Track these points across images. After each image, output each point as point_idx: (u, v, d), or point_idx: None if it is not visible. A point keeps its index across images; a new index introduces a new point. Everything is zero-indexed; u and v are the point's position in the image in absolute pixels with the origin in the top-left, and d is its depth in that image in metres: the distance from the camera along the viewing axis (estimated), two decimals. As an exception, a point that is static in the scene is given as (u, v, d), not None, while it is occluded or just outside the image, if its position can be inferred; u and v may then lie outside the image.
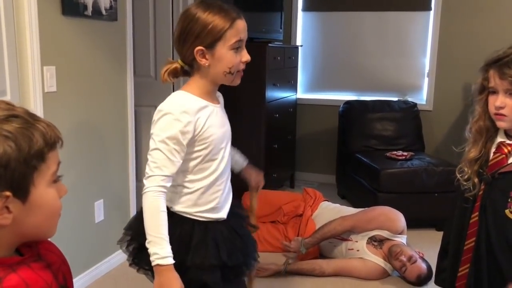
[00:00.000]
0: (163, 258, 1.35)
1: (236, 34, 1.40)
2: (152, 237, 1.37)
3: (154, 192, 1.38)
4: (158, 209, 1.38)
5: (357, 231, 2.98)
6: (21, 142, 0.79)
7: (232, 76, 1.45)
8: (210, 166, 1.48)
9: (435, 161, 3.72)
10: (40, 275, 0.86)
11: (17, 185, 0.80)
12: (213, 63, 1.41)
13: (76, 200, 2.60)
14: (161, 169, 1.38)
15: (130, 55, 2.95)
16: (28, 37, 2.18)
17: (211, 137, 1.44)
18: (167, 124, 1.38)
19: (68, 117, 2.50)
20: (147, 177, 1.40)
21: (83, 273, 2.69)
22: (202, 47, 1.39)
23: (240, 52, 1.43)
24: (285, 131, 4.33)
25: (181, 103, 1.41)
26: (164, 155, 1.38)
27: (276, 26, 4.40)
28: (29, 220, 0.84)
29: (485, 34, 4.23)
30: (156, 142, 1.38)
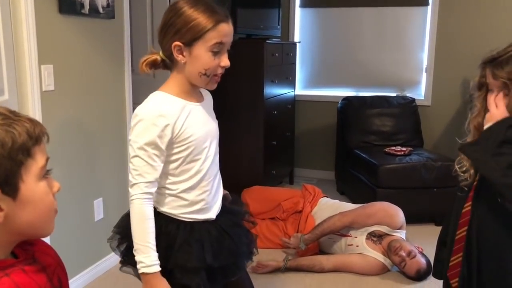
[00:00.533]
0: (149, 266, 1.35)
1: (217, 37, 1.35)
2: (139, 245, 1.36)
3: (139, 199, 1.37)
4: (144, 217, 1.37)
5: (357, 227, 2.99)
6: (4, 137, 0.79)
7: (208, 78, 1.40)
8: (193, 167, 1.44)
9: (434, 156, 3.73)
10: (33, 278, 0.85)
11: (5, 181, 0.80)
12: (189, 61, 1.38)
13: (75, 199, 2.60)
14: (143, 176, 1.37)
15: (128, 53, 2.94)
16: (25, 36, 2.18)
17: (191, 138, 1.41)
18: (143, 130, 1.35)
19: (66, 116, 2.49)
20: (131, 185, 1.38)
21: (83, 271, 2.70)
22: (180, 43, 1.36)
23: (219, 56, 1.39)
24: (283, 128, 4.33)
25: (157, 107, 1.38)
26: (144, 162, 1.36)
27: (274, 22, 4.40)
28: (21, 216, 0.83)
29: (483, 29, 4.23)
30: (135, 149, 1.36)
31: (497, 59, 1.37)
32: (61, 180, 2.78)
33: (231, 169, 3.65)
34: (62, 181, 2.49)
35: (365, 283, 2.79)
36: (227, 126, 3.80)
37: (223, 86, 1.56)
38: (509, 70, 1.33)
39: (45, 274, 0.90)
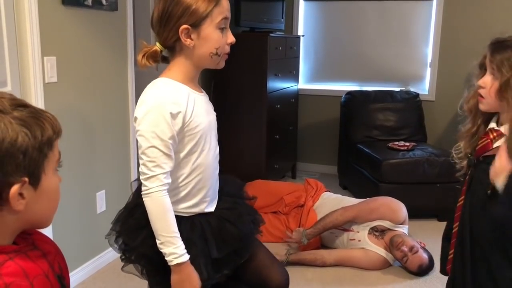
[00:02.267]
0: (181, 256, 1.34)
1: (222, 12, 1.32)
2: (165, 238, 1.33)
3: (159, 192, 1.32)
4: (166, 208, 1.34)
5: (359, 222, 2.99)
6: (35, 129, 0.83)
7: (218, 58, 1.37)
8: (197, 158, 1.40)
9: (437, 151, 3.71)
10: (37, 263, 0.87)
11: (32, 171, 0.83)
12: (198, 43, 1.33)
13: (78, 191, 2.60)
14: (161, 167, 1.32)
15: (131, 45, 2.93)
16: (28, 28, 2.17)
17: (198, 127, 1.37)
18: (156, 118, 1.30)
19: (69, 108, 2.49)
20: (147, 177, 1.32)
21: (86, 263, 2.71)
22: (187, 26, 1.30)
23: (225, 33, 1.36)
24: (286, 122, 4.32)
25: (169, 93, 1.33)
26: (161, 152, 1.31)
27: (278, 16, 4.38)
28: (37, 206, 0.86)
29: (488, 24, 4.20)
30: (150, 140, 1.30)
31: (502, 42, 1.36)
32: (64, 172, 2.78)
33: (233, 162, 3.65)
34: (65, 173, 2.50)
35: (367, 277, 2.79)
36: (230, 119, 3.79)
37: (226, 79, 1.56)
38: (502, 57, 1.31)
39: (46, 260, 0.91)
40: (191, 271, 1.36)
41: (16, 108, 0.82)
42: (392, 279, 2.78)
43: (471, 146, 1.44)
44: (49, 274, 0.89)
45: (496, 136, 1.37)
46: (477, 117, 1.44)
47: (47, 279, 0.87)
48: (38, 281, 0.84)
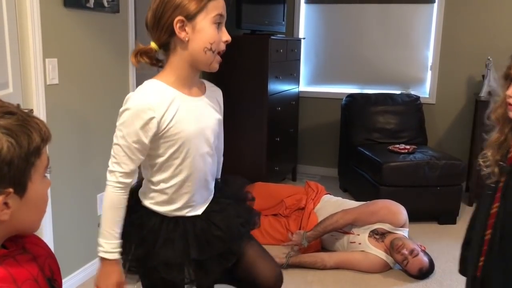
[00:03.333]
0: (108, 252, 1.38)
1: (218, 7, 1.31)
2: (104, 231, 1.38)
3: (113, 188, 1.37)
4: (115, 205, 1.38)
5: (359, 224, 2.99)
6: (21, 139, 0.80)
7: (213, 55, 1.33)
8: (180, 164, 1.38)
9: (438, 154, 3.71)
10: (26, 267, 0.86)
11: (18, 181, 0.81)
12: (193, 37, 1.30)
13: (78, 193, 2.60)
14: (120, 166, 1.35)
15: (132, 47, 2.94)
16: (30, 29, 2.18)
17: (180, 134, 1.34)
18: (128, 120, 1.32)
19: (70, 110, 2.49)
20: (108, 170, 1.38)
21: (85, 265, 2.70)
22: (182, 17, 1.28)
23: (221, 30, 1.34)
24: (287, 124, 4.32)
25: (146, 98, 1.32)
26: (124, 152, 1.34)
27: (279, 18, 4.38)
28: (23, 214, 0.85)
29: (489, 27, 4.20)
30: (118, 137, 1.35)
31: None
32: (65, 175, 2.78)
33: (234, 164, 3.65)
34: (66, 175, 2.50)
35: (367, 280, 2.79)
36: (231, 121, 3.79)
37: (227, 82, 1.56)
38: None
39: (36, 263, 0.91)
40: (114, 270, 1.39)
41: (3, 115, 0.80)
42: (392, 282, 2.78)
43: (499, 153, 1.44)
44: (39, 278, 0.88)
45: None
46: (505, 126, 1.44)
47: (36, 283, 0.86)
48: (27, 286, 0.83)
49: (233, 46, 1.43)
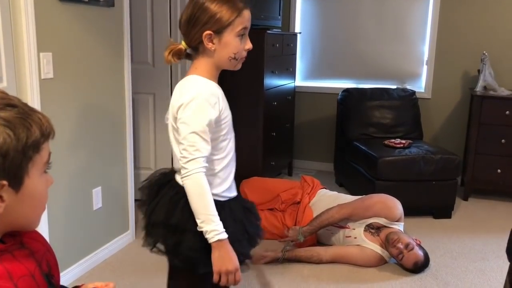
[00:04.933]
0: (221, 233, 1.43)
1: (242, 22, 1.48)
2: (205, 216, 1.43)
3: (199, 173, 1.43)
4: (204, 189, 1.44)
5: (355, 219, 2.99)
6: (20, 131, 0.79)
7: (236, 61, 1.53)
8: (227, 146, 1.55)
9: (433, 149, 3.73)
10: (23, 263, 0.86)
11: (13, 174, 0.80)
12: (219, 48, 1.47)
13: (74, 188, 2.60)
14: (200, 151, 1.43)
15: (128, 41, 2.93)
16: (24, 23, 2.16)
17: (227, 118, 1.53)
18: (199, 107, 1.43)
19: (65, 104, 2.48)
20: (187, 161, 1.43)
21: (81, 260, 2.70)
22: (210, 32, 1.45)
23: (244, 40, 1.51)
24: (283, 119, 4.32)
25: (208, 87, 1.48)
26: (201, 138, 1.43)
27: (275, 13, 4.37)
28: (19, 209, 0.84)
29: (485, 22, 4.21)
30: (191, 126, 1.43)
31: None
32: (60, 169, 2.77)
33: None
34: (61, 170, 2.50)
35: (363, 274, 2.80)
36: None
37: (222, 76, 1.59)
38: None
39: (34, 259, 0.90)
40: (230, 248, 1.47)
41: (4, 107, 0.79)
42: (387, 276, 2.79)
43: None
44: (36, 273, 0.87)
45: None
46: None
47: (33, 279, 0.86)
48: (23, 282, 0.83)
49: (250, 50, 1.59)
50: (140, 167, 3.71)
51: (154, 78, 3.65)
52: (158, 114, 3.71)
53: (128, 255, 2.97)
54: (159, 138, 3.76)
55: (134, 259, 2.92)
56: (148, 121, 3.73)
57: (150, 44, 3.61)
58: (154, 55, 3.63)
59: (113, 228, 2.98)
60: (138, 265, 2.85)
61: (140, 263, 2.87)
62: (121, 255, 2.96)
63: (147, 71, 3.64)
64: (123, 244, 3.06)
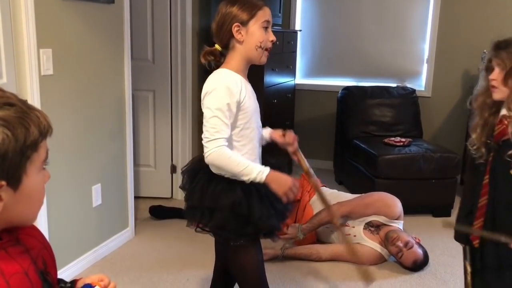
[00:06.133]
0: (264, 170, 1.61)
1: (264, 15, 1.68)
2: (244, 170, 1.60)
3: (219, 147, 1.59)
4: (229, 154, 1.60)
5: (354, 217, 2.99)
6: (18, 132, 0.79)
7: (262, 50, 1.70)
8: (249, 133, 1.71)
9: (433, 147, 3.73)
10: (16, 260, 0.85)
11: (12, 174, 0.80)
12: (246, 38, 1.67)
13: (73, 185, 2.59)
14: (220, 133, 1.60)
15: (128, 38, 2.92)
16: (24, 20, 2.15)
17: (249, 107, 1.68)
18: (220, 95, 1.61)
19: (65, 101, 2.48)
20: (208, 140, 1.60)
21: (81, 256, 2.70)
22: (238, 23, 1.65)
23: (268, 32, 1.70)
24: (283, 117, 4.31)
25: (229, 77, 1.65)
26: (221, 121, 1.60)
27: (275, 10, 4.36)
28: (17, 207, 0.84)
29: (486, 20, 4.20)
30: (213, 110, 1.60)
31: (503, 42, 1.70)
32: (60, 166, 2.76)
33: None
34: (61, 167, 2.49)
35: (362, 272, 2.80)
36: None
37: None
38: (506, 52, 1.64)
39: (29, 256, 0.89)
40: (278, 174, 1.65)
41: (2, 106, 0.79)
42: (387, 274, 2.79)
43: (483, 135, 1.70)
44: (30, 270, 0.87)
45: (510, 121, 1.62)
46: (484, 111, 1.72)
47: (26, 276, 0.85)
48: (15, 279, 0.82)
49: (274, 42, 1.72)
50: (139, 164, 3.70)
51: (154, 75, 3.64)
52: (158, 111, 3.71)
53: (128, 252, 2.97)
54: (159, 135, 3.75)
55: (133, 256, 2.93)
56: (148, 118, 3.72)
57: (150, 41, 3.61)
58: (154, 52, 3.62)
59: (113, 225, 2.98)
60: (138, 262, 2.85)
61: (140, 260, 2.87)
62: (120, 252, 2.96)
63: (147, 68, 3.63)
64: (122, 241, 3.06)
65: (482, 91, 1.75)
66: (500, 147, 1.64)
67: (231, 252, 1.79)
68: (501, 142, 1.64)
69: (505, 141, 1.63)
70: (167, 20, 3.57)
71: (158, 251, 2.98)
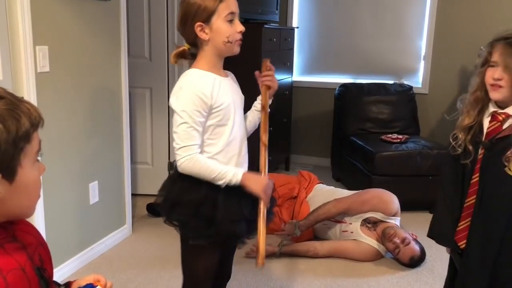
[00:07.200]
0: (237, 173, 1.59)
1: (227, 8, 1.57)
2: (219, 175, 1.57)
3: (191, 157, 1.56)
4: (203, 161, 1.58)
5: (351, 213, 3.00)
6: (9, 123, 0.80)
7: (232, 45, 1.62)
8: (224, 131, 1.64)
9: (430, 144, 3.73)
10: (13, 256, 0.86)
11: (6, 166, 0.81)
12: (212, 36, 1.58)
13: (70, 182, 2.59)
14: (191, 139, 1.56)
15: (124, 35, 2.91)
16: (20, 17, 2.15)
17: (222, 105, 1.61)
18: (189, 100, 1.55)
19: (61, 98, 2.47)
20: (179, 147, 1.57)
21: (78, 254, 2.70)
22: (200, 23, 1.56)
23: (234, 24, 1.60)
24: (280, 114, 4.32)
25: (198, 79, 1.59)
26: (192, 127, 1.56)
27: (272, 7, 4.35)
28: (14, 199, 0.84)
29: (482, 18, 4.20)
30: (183, 116, 1.55)
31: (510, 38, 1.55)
32: (56, 163, 2.75)
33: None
34: (57, 164, 2.49)
35: (359, 269, 2.81)
36: (224, 111, 3.78)
37: None
38: None
39: (25, 252, 0.90)
40: (251, 175, 1.64)
41: None
42: (384, 270, 2.80)
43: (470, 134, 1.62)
44: (27, 267, 0.87)
45: (505, 117, 1.55)
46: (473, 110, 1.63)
47: (23, 272, 0.86)
48: (12, 275, 0.83)
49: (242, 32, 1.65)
50: (137, 162, 3.70)
51: (151, 73, 3.63)
52: (155, 109, 3.70)
53: (125, 250, 2.97)
54: (156, 133, 3.75)
55: (131, 253, 2.92)
56: (145, 115, 3.71)
57: (147, 38, 3.60)
58: (151, 49, 3.61)
59: (110, 222, 2.97)
60: (135, 259, 2.85)
61: (137, 257, 2.87)
62: (118, 249, 2.96)
63: (144, 65, 3.62)
64: (120, 239, 3.06)
65: (476, 88, 1.64)
66: (494, 145, 1.55)
67: (188, 249, 1.75)
68: (495, 140, 1.55)
69: (499, 139, 1.54)
70: (164, 17, 3.56)
71: (155, 249, 2.98)
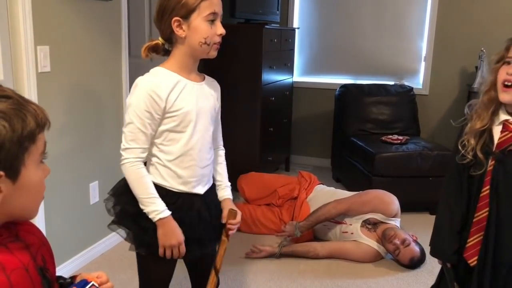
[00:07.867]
0: (161, 212, 1.49)
1: (210, 7, 1.45)
2: (144, 199, 1.49)
3: (133, 163, 1.48)
4: (141, 175, 1.49)
5: (351, 214, 3.00)
6: (15, 122, 0.80)
7: (208, 47, 1.49)
8: (180, 138, 1.52)
9: (430, 145, 3.73)
10: (16, 255, 0.86)
11: (10, 165, 0.81)
12: (189, 34, 1.47)
13: (71, 182, 2.59)
14: (136, 142, 1.48)
15: (125, 35, 2.91)
16: (21, 17, 2.15)
17: (181, 110, 1.49)
18: (141, 98, 1.45)
19: (62, 98, 2.47)
20: (124, 148, 1.49)
21: (78, 254, 2.70)
22: (178, 18, 1.45)
23: (215, 25, 1.49)
24: (280, 114, 4.32)
25: (156, 79, 1.49)
26: (139, 129, 1.46)
27: (273, 7, 4.36)
28: (17, 200, 0.85)
29: (483, 19, 4.21)
30: (131, 116, 1.46)
31: None
32: (57, 163, 2.75)
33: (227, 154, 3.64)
34: (58, 164, 2.49)
35: (359, 270, 2.81)
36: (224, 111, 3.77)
37: (220, 71, 1.60)
38: None
39: (29, 252, 0.90)
40: (174, 225, 1.51)
41: None
42: (384, 271, 2.80)
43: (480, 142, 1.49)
44: (30, 267, 0.87)
45: None
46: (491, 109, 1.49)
47: (27, 272, 0.86)
48: (16, 274, 0.83)
49: (227, 35, 1.55)
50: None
51: (152, 73, 3.63)
52: (156, 109, 3.70)
53: (126, 250, 2.96)
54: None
55: (131, 253, 2.90)
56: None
57: (148, 38, 3.60)
58: (152, 49, 3.61)
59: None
60: (135, 259, 2.85)
61: (137, 257, 2.87)
62: (118, 249, 2.96)
63: (144, 65, 3.60)
64: (120, 239, 3.05)
65: (489, 86, 1.49)
66: (506, 156, 1.45)
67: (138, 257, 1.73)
68: (507, 152, 1.45)
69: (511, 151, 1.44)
70: (165, 17, 3.56)
71: (155, 249, 2.98)
